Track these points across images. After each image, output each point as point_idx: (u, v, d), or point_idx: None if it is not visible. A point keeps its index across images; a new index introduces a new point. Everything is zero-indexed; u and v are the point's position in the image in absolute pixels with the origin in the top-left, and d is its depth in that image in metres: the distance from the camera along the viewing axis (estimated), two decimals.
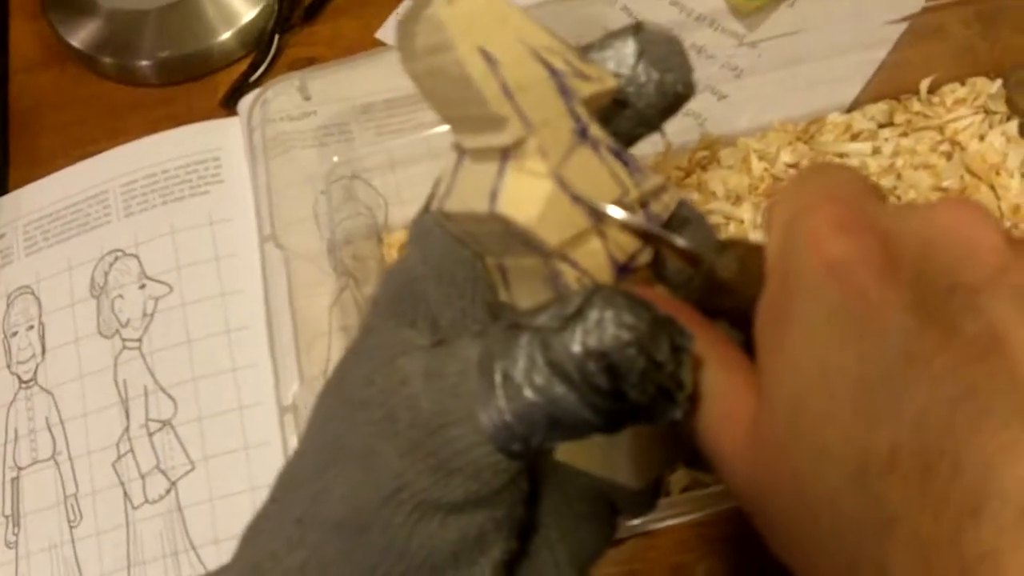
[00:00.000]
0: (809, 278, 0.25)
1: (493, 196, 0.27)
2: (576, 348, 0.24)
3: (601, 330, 0.24)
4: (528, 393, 0.25)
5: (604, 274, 0.29)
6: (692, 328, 0.26)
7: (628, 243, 0.29)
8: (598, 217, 0.28)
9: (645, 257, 0.29)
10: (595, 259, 0.28)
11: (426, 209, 0.31)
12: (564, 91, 0.27)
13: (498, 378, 0.25)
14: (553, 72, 0.27)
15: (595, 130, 0.28)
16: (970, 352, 0.22)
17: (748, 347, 0.28)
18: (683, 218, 0.30)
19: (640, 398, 0.25)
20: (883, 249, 0.24)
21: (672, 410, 0.26)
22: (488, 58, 0.26)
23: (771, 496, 0.26)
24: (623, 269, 0.29)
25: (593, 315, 0.25)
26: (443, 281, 0.29)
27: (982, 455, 0.21)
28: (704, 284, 0.29)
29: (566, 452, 0.30)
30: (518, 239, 0.27)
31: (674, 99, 0.30)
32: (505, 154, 0.27)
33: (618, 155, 0.29)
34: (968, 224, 0.24)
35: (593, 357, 0.24)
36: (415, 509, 0.26)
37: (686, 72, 0.30)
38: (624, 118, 0.30)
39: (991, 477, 0.21)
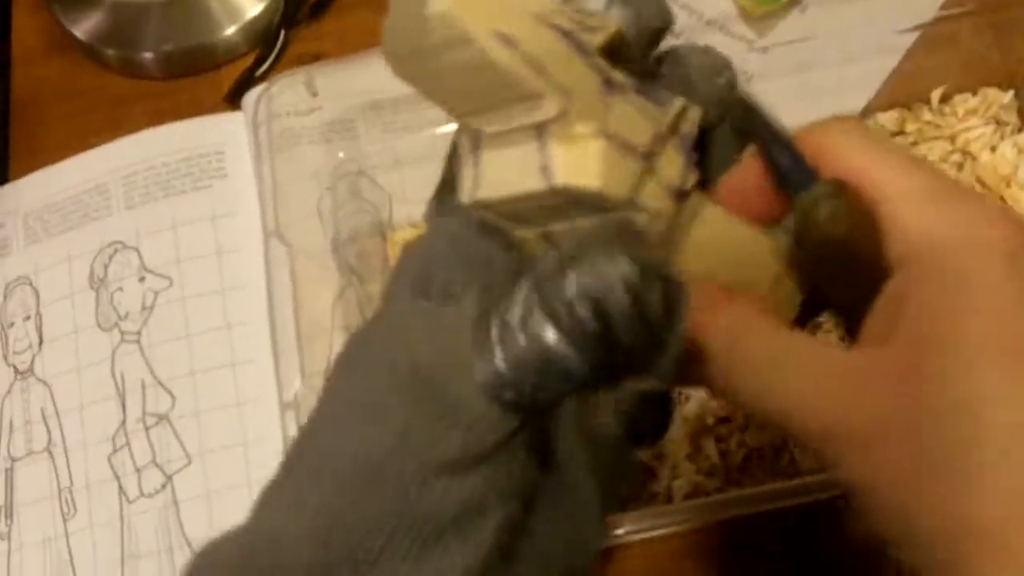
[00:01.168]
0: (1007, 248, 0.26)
1: (544, 170, 0.27)
2: (568, 291, 0.25)
3: (593, 273, 0.25)
4: (520, 338, 0.25)
5: (668, 206, 0.29)
6: (745, 307, 0.28)
7: (673, 173, 0.29)
8: (647, 158, 0.28)
9: (692, 179, 0.30)
10: (656, 196, 0.29)
11: (438, 197, 0.30)
12: (579, 48, 0.27)
13: (495, 326, 0.26)
14: (564, 33, 0.27)
15: (617, 76, 0.28)
16: None
17: (846, 314, 0.29)
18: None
19: (628, 339, 0.25)
20: None
21: (662, 359, 0.26)
22: (506, 40, 0.26)
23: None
24: (679, 195, 0.30)
25: (587, 259, 0.25)
26: (462, 261, 0.29)
27: None
28: (803, 236, 0.29)
29: None
30: (583, 205, 0.28)
31: (653, 33, 0.30)
32: (541, 128, 0.27)
33: (640, 91, 0.29)
34: None
35: (583, 299, 0.25)
36: (420, 466, 0.26)
37: (659, 3, 0.30)
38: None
39: None
